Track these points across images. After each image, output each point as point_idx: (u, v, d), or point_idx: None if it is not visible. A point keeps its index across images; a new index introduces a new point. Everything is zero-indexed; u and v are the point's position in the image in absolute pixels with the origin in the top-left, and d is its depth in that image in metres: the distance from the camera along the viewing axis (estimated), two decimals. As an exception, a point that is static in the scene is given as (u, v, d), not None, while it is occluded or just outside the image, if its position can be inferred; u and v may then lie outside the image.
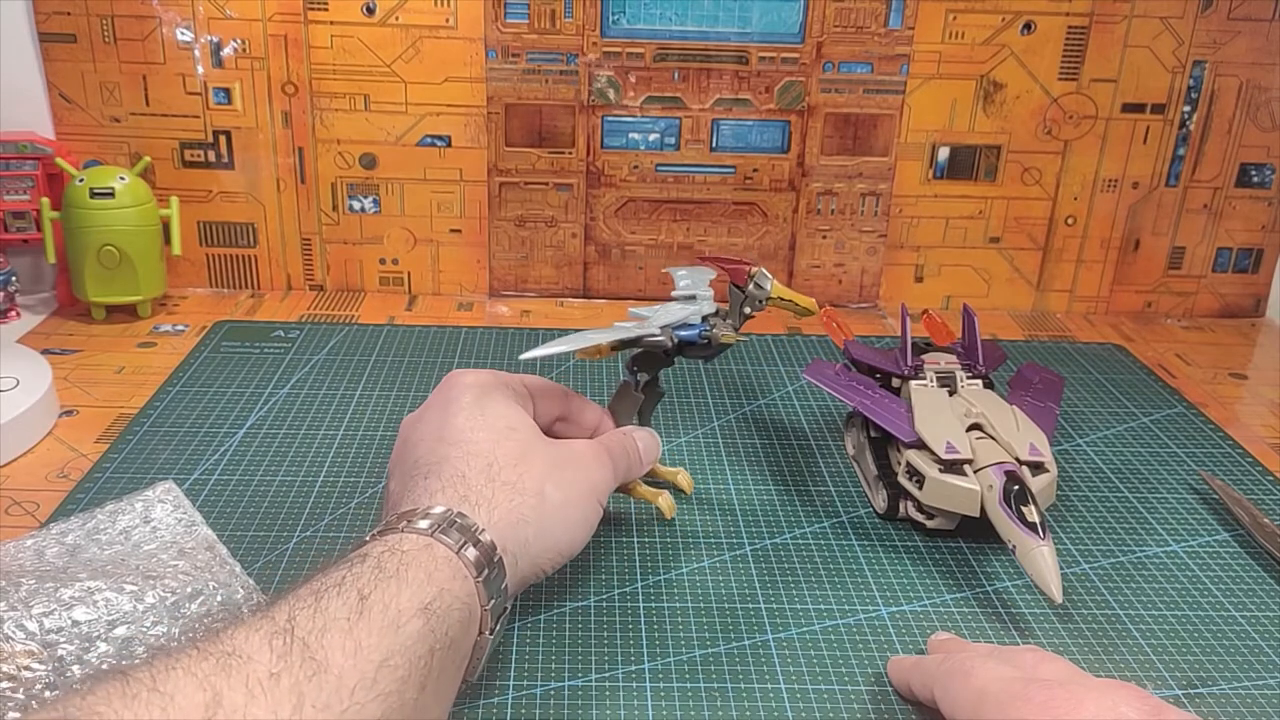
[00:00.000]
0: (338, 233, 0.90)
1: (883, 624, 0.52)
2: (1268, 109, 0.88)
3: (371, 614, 0.35)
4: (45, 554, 0.51)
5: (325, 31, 0.84)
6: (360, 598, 0.35)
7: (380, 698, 0.33)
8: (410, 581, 0.37)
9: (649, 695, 0.46)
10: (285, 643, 0.32)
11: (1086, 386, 0.78)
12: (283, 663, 0.32)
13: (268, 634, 0.33)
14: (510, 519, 0.44)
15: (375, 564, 0.37)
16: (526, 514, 0.44)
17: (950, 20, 0.85)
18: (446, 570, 0.39)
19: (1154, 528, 0.61)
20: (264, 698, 0.31)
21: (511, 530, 0.43)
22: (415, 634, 0.36)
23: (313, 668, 0.32)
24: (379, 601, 0.36)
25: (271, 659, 0.32)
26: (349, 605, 0.35)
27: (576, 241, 0.91)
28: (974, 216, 0.91)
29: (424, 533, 0.40)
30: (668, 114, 0.87)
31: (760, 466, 0.66)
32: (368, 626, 0.34)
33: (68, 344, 0.80)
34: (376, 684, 0.33)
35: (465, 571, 0.40)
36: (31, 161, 0.83)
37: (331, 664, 0.33)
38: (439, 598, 0.38)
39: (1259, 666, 0.50)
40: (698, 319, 0.55)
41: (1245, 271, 0.94)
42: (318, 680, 0.32)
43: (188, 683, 0.30)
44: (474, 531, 0.41)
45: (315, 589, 0.36)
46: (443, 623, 0.37)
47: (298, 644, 0.33)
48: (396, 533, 0.40)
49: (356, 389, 0.73)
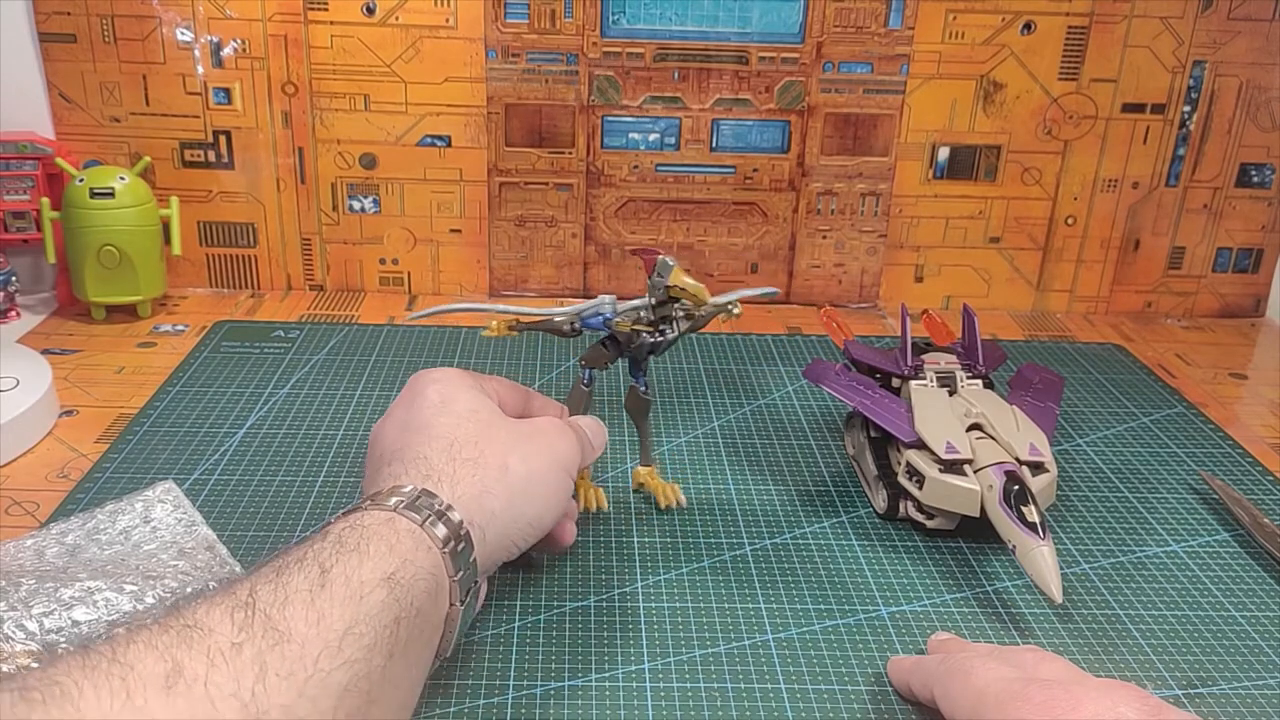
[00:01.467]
0: (338, 233, 0.90)
1: (883, 624, 0.52)
2: (1268, 109, 0.88)
3: (333, 586, 0.35)
4: (45, 554, 0.51)
5: (325, 31, 0.84)
6: (321, 570, 0.36)
7: (346, 665, 0.33)
8: (372, 554, 0.38)
9: (649, 695, 0.46)
10: (247, 615, 0.33)
11: (1086, 386, 0.78)
12: (244, 634, 0.32)
13: (229, 607, 0.33)
14: (474, 492, 0.44)
15: (336, 539, 0.38)
16: (490, 486, 0.45)
17: (950, 20, 0.85)
18: (409, 542, 0.39)
19: (1154, 528, 0.61)
20: (225, 667, 0.31)
21: (476, 503, 0.44)
22: (379, 604, 0.36)
23: (275, 638, 0.32)
24: (341, 574, 0.36)
25: (233, 630, 0.32)
26: (310, 578, 0.35)
27: (576, 241, 0.91)
28: (974, 216, 0.91)
29: (387, 509, 0.41)
30: (668, 114, 0.87)
31: (760, 466, 0.66)
32: (329, 597, 0.35)
33: (68, 344, 0.80)
34: (341, 652, 0.34)
35: (430, 543, 0.40)
36: (31, 161, 0.83)
37: (294, 634, 0.33)
38: (402, 568, 0.38)
39: (1259, 666, 0.50)
40: (610, 309, 0.56)
41: (1245, 271, 0.94)
42: (280, 649, 0.32)
43: (148, 654, 0.30)
44: (438, 506, 0.42)
45: (277, 566, 0.36)
46: (408, 593, 0.37)
47: (259, 616, 0.33)
48: (359, 511, 0.41)
49: (356, 389, 0.73)
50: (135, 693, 0.29)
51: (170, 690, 0.29)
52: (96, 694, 0.28)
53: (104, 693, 0.28)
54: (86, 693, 0.28)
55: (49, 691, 0.28)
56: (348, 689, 0.33)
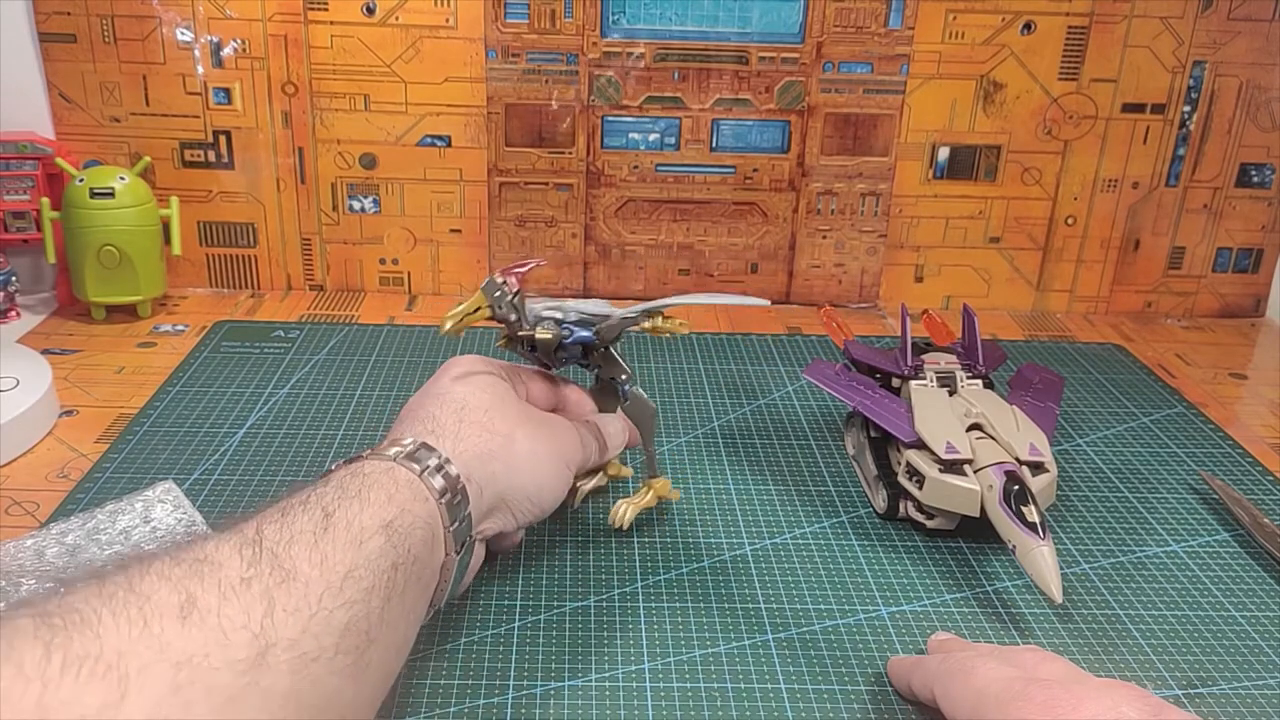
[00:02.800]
0: (338, 233, 0.90)
1: (883, 624, 0.52)
2: (1268, 109, 0.88)
3: (335, 530, 0.37)
4: (45, 554, 0.51)
5: (325, 31, 0.84)
6: (325, 514, 0.37)
7: (346, 605, 0.35)
8: (371, 501, 0.39)
9: (649, 695, 0.46)
10: (255, 552, 0.34)
11: (1086, 386, 0.78)
12: (253, 569, 0.33)
13: (237, 544, 0.34)
14: (476, 451, 0.46)
15: (338, 485, 0.40)
16: (494, 450, 0.47)
17: (950, 20, 0.85)
18: (407, 492, 0.41)
19: (1154, 528, 0.61)
20: (236, 600, 0.32)
21: (478, 462, 0.45)
22: (378, 549, 0.37)
23: (281, 575, 0.34)
24: (342, 519, 0.37)
25: (242, 565, 0.33)
26: (314, 521, 0.37)
27: (576, 241, 0.91)
28: (974, 216, 0.91)
29: (387, 459, 0.42)
30: (668, 114, 0.87)
31: (760, 466, 0.66)
32: (332, 541, 0.36)
33: (68, 344, 0.80)
34: (342, 593, 0.35)
35: (426, 494, 0.42)
36: (31, 161, 0.83)
37: (299, 572, 0.34)
38: (400, 517, 0.39)
39: (1259, 666, 0.50)
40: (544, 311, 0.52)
41: (1245, 271, 0.94)
42: (287, 586, 0.33)
43: (162, 585, 0.31)
44: (438, 460, 0.43)
45: (281, 508, 0.37)
46: (405, 540, 0.39)
47: (266, 553, 0.34)
48: (360, 460, 0.43)
49: (356, 389, 0.73)
50: (152, 621, 0.30)
51: (185, 620, 0.30)
52: (115, 621, 0.29)
53: (122, 620, 0.29)
54: (105, 620, 0.29)
55: (69, 618, 0.29)
56: (348, 628, 0.35)
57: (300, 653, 0.32)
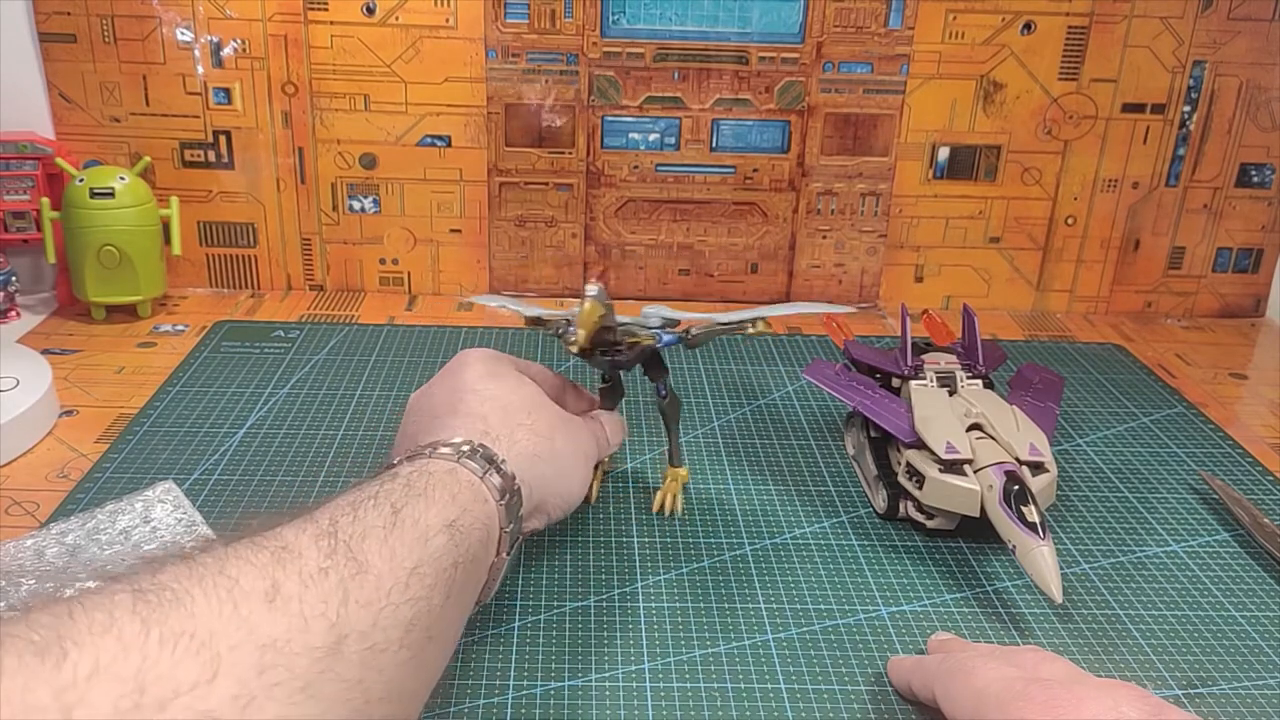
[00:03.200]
0: (338, 233, 0.90)
1: (883, 624, 0.52)
2: (1268, 109, 0.88)
3: (404, 526, 0.38)
4: (45, 554, 0.51)
5: (325, 31, 0.84)
6: (393, 510, 0.38)
7: (411, 601, 0.36)
8: (436, 500, 0.40)
9: (649, 695, 0.46)
10: (330, 544, 0.35)
11: (1086, 386, 0.78)
12: (329, 560, 0.34)
13: (314, 534, 0.35)
14: (528, 453, 0.47)
15: (405, 482, 0.41)
16: (541, 452, 0.48)
17: (950, 20, 0.85)
18: (469, 493, 0.42)
19: (1154, 528, 0.61)
20: (315, 588, 0.33)
21: (529, 464, 0.47)
22: (441, 548, 0.38)
23: (355, 567, 0.35)
24: (410, 516, 0.38)
25: (319, 556, 0.34)
26: (384, 516, 0.38)
27: (576, 241, 0.91)
28: (974, 216, 0.91)
29: (449, 458, 0.43)
30: (668, 114, 0.87)
31: (760, 466, 0.66)
32: (400, 536, 0.37)
33: (68, 344, 0.80)
34: (409, 588, 0.36)
35: (487, 495, 0.43)
36: (31, 161, 0.83)
37: (371, 566, 0.35)
38: (462, 516, 0.41)
39: (1259, 666, 0.50)
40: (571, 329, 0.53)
41: (1245, 271, 0.94)
42: (360, 579, 0.34)
43: (248, 569, 0.32)
44: (496, 460, 0.45)
45: (351, 501, 0.38)
46: (465, 539, 0.40)
47: (341, 545, 0.35)
48: (424, 458, 0.43)
49: (356, 389, 0.73)
50: (241, 603, 0.31)
51: (271, 605, 0.31)
52: (207, 601, 0.30)
53: (213, 600, 0.30)
54: (198, 599, 0.30)
55: (163, 595, 0.30)
56: (412, 623, 0.35)
57: (370, 644, 0.33)
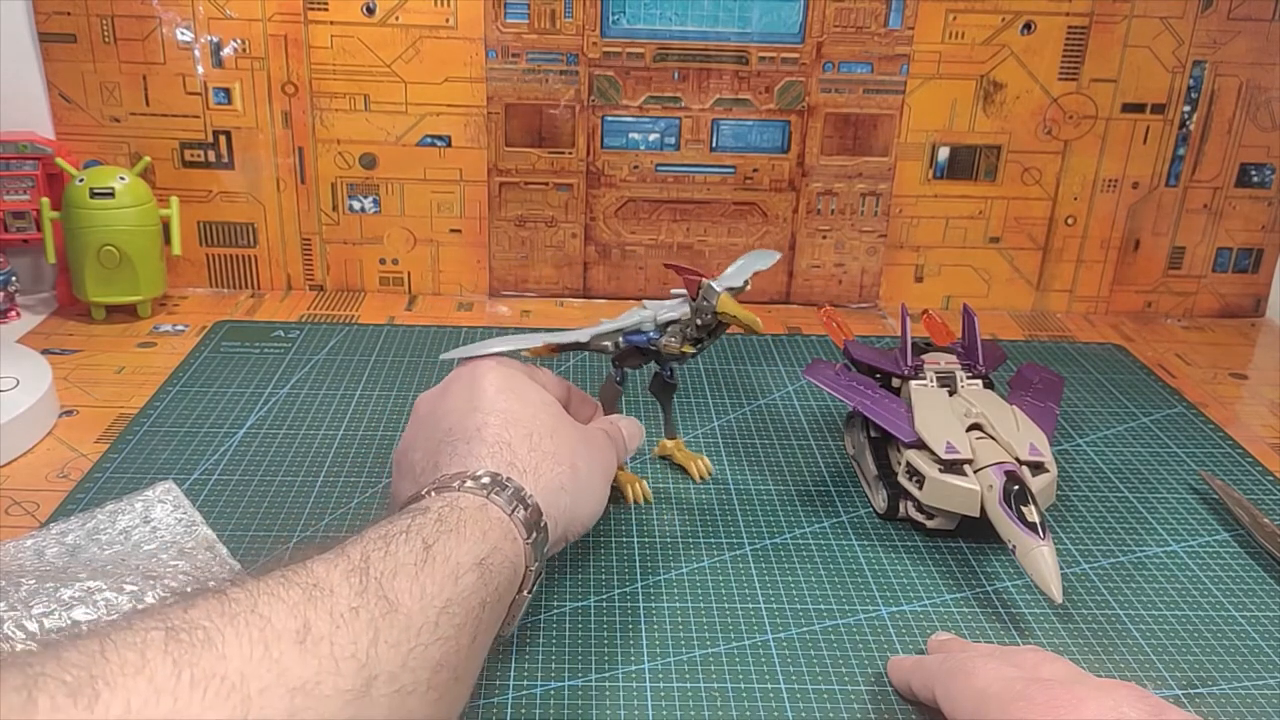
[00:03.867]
0: (338, 233, 0.90)
1: (883, 624, 0.52)
2: (1268, 109, 0.88)
3: (435, 563, 0.37)
4: (45, 554, 0.51)
5: (325, 31, 0.84)
6: (425, 546, 0.38)
7: (440, 641, 0.35)
8: (468, 537, 0.40)
9: (649, 695, 0.46)
10: (361, 581, 0.35)
11: (1086, 386, 0.78)
12: (360, 599, 0.34)
13: (345, 571, 0.35)
14: (552, 486, 0.46)
15: (437, 517, 0.40)
16: (565, 483, 0.47)
17: (950, 20, 0.85)
18: (499, 530, 0.41)
19: (1154, 528, 0.61)
20: (346, 628, 0.33)
21: (553, 497, 0.46)
22: (470, 586, 0.38)
23: (385, 606, 0.34)
24: (441, 553, 0.38)
25: (350, 594, 0.34)
26: (415, 552, 0.37)
27: (576, 241, 0.91)
28: (974, 216, 0.91)
29: (479, 493, 0.43)
30: (668, 114, 0.87)
31: (760, 466, 0.66)
32: (431, 574, 0.37)
33: (68, 344, 0.80)
34: (438, 628, 0.36)
35: (516, 533, 0.42)
36: (31, 161, 0.83)
37: (401, 605, 0.35)
38: (492, 555, 0.40)
39: (1259, 666, 0.50)
40: (652, 326, 0.57)
41: (1245, 271, 0.94)
42: (390, 618, 0.34)
43: (280, 607, 0.32)
44: (523, 495, 0.44)
45: (383, 534, 0.38)
46: (494, 578, 0.39)
47: (372, 583, 0.35)
48: (453, 491, 0.43)
49: (356, 389, 0.73)
50: (272, 644, 0.30)
51: (302, 646, 0.31)
52: (238, 641, 0.30)
53: (244, 640, 0.30)
54: (229, 639, 0.30)
55: (195, 634, 0.29)
56: (440, 664, 0.35)
57: (399, 686, 0.33)
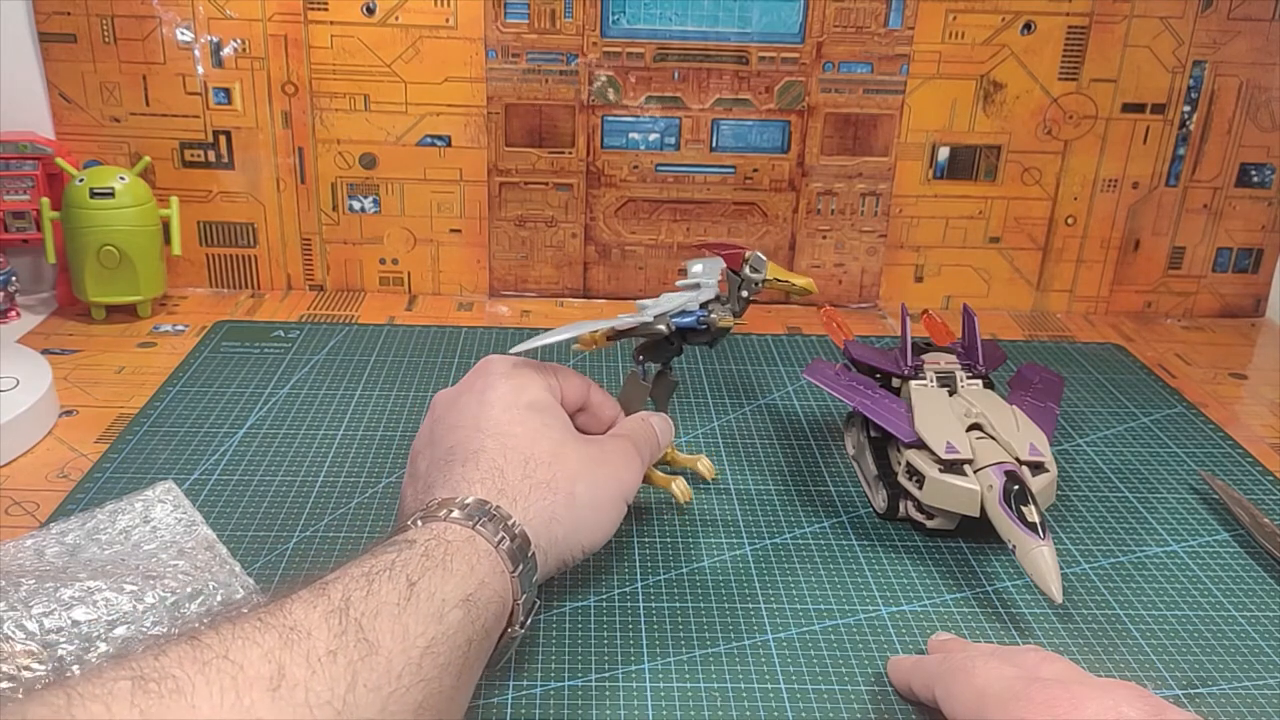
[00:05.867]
0: (338, 233, 0.90)
1: (883, 624, 0.52)
2: (1268, 109, 0.88)
3: (419, 600, 0.36)
4: (45, 554, 0.51)
5: (325, 31, 0.84)
6: (409, 584, 0.37)
7: (423, 683, 0.35)
8: (455, 572, 0.39)
9: (649, 695, 0.46)
10: (341, 622, 0.34)
11: (1086, 386, 0.78)
12: (339, 641, 0.33)
13: (324, 612, 0.34)
14: (543, 517, 0.45)
15: (423, 551, 0.39)
16: (558, 513, 0.46)
17: (950, 20, 0.85)
18: (487, 564, 0.40)
19: (1154, 528, 0.61)
20: (323, 673, 0.32)
21: (544, 528, 0.45)
22: (456, 624, 0.37)
23: (365, 649, 0.34)
24: (425, 589, 0.37)
25: (329, 637, 0.33)
26: (399, 590, 0.36)
27: (576, 241, 0.91)
28: (974, 216, 0.91)
29: (465, 524, 0.42)
30: (668, 114, 0.87)
31: (760, 466, 0.66)
32: (415, 613, 0.36)
33: (68, 344, 0.80)
34: (420, 669, 0.35)
35: (503, 568, 0.41)
36: (31, 161, 0.83)
37: (381, 646, 0.34)
38: (479, 590, 0.39)
39: (1259, 666, 0.50)
40: (695, 305, 0.56)
41: (1245, 271, 0.94)
42: (369, 661, 0.33)
43: (252, 652, 0.31)
44: (510, 525, 0.43)
45: (366, 571, 0.37)
46: (481, 615, 0.39)
47: (352, 624, 0.34)
48: (440, 521, 0.42)
49: (356, 389, 0.73)
50: (244, 692, 0.30)
51: (275, 693, 0.31)
52: (209, 690, 0.30)
53: (215, 689, 0.30)
54: (199, 688, 0.30)
55: (165, 684, 0.29)
56: (422, 705, 0.35)
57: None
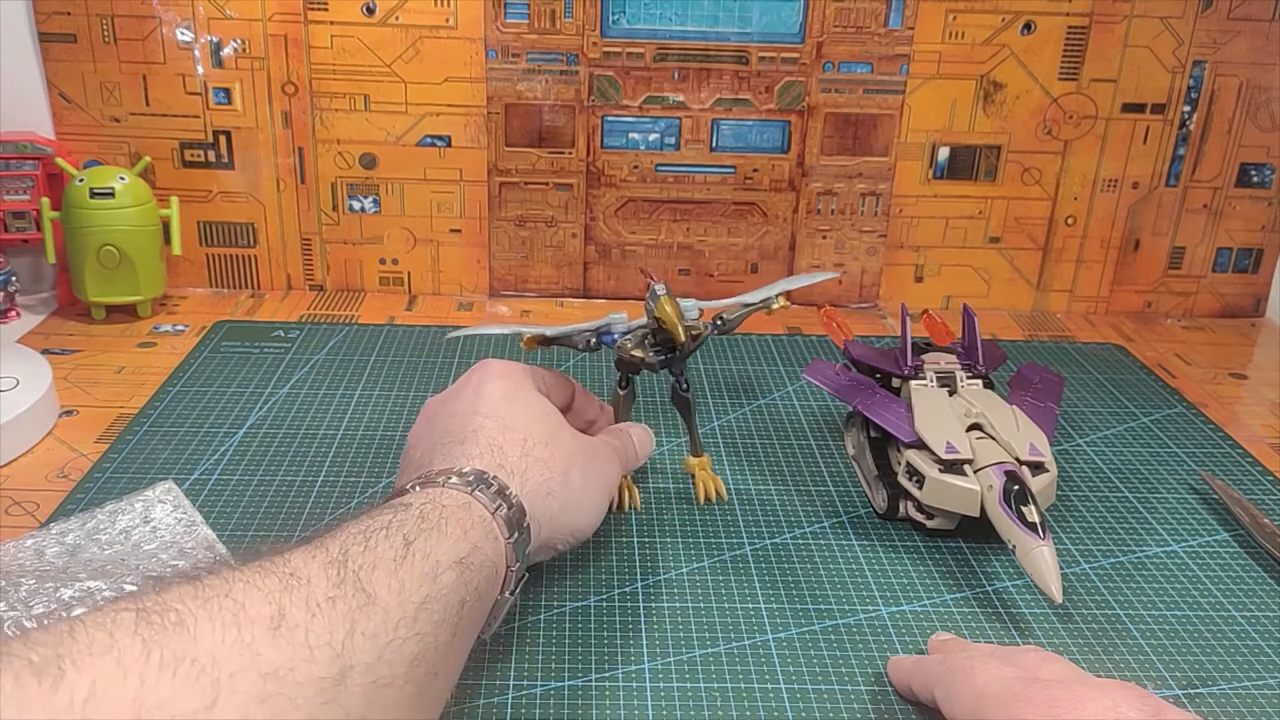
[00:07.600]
0: (338, 233, 0.90)
1: (883, 624, 0.52)
2: (1268, 109, 0.88)
3: (415, 559, 0.37)
4: (45, 554, 0.51)
5: (325, 31, 0.84)
6: (405, 543, 0.38)
7: (418, 636, 0.35)
8: (449, 535, 0.39)
9: (649, 695, 0.46)
10: (339, 573, 0.34)
11: (1086, 386, 0.78)
12: (338, 590, 0.34)
13: (323, 562, 0.35)
14: (540, 491, 0.46)
15: (419, 513, 0.40)
16: (554, 489, 0.47)
17: (950, 20, 0.85)
18: (481, 529, 0.41)
19: (1154, 528, 0.61)
20: (322, 617, 0.32)
21: (540, 501, 0.46)
22: (450, 584, 0.38)
23: (363, 599, 0.34)
24: (421, 550, 0.38)
25: (328, 585, 0.34)
26: (395, 548, 0.37)
27: (576, 241, 0.91)
28: (974, 216, 0.91)
29: (463, 490, 0.43)
30: (668, 114, 0.87)
31: (760, 466, 0.66)
32: (410, 570, 0.37)
33: (68, 344, 0.80)
34: (416, 623, 0.35)
35: (498, 532, 0.42)
36: (31, 161, 0.83)
37: (379, 598, 0.35)
38: (472, 554, 0.40)
39: (1259, 666, 0.50)
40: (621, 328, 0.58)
41: (1245, 271, 0.94)
42: (367, 610, 0.34)
43: (254, 594, 0.32)
44: (507, 495, 0.44)
45: (363, 529, 0.38)
46: (474, 577, 0.39)
47: (350, 575, 0.35)
48: (437, 486, 0.43)
49: (356, 389, 0.73)
50: (245, 629, 0.30)
51: (275, 632, 0.31)
52: (211, 625, 0.30)
53: (217, 624, 0.30)
54: (201, 622, 0.30)
55: (166, 616, 0.29)
56: (417, 658, 0.35)
57: (375, 678, 0.33)
